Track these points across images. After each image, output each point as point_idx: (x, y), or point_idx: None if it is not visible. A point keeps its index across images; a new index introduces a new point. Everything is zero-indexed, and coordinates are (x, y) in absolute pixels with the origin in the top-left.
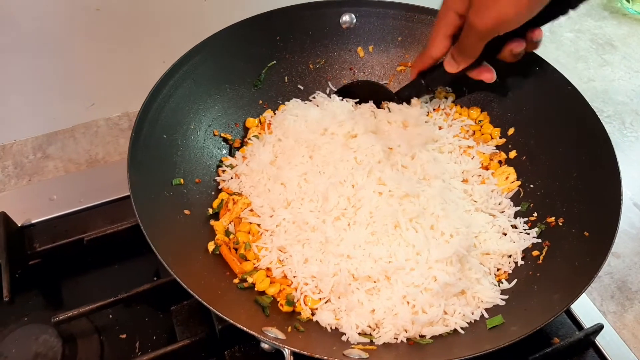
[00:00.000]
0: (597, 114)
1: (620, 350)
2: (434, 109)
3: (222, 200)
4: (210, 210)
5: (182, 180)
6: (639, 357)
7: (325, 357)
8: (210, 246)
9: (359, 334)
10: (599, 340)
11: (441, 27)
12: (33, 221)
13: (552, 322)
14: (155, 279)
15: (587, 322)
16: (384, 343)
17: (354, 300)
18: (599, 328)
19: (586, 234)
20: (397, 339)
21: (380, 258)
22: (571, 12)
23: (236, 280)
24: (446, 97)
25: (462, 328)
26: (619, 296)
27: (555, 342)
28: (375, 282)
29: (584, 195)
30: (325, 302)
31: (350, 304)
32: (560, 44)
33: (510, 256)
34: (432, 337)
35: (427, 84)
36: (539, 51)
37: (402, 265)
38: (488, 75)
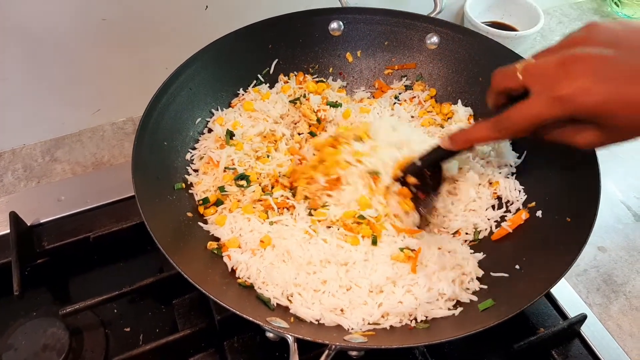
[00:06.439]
0: None
1: (605, 340)
2: (409, 99)
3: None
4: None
5: (183, 185)
6: (623, 347)
7: (327, 342)
8: (211, 246)
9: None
10: (584, 330)
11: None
12: (42, 221)
13: (538, 311)
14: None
15: (573, 314)
16: (382, 328)
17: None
18: (582, 318)
19: (568, 219)
20: (401, 322)
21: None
22: (562, 17)
23: (240, 280)
24: (423, 91)
25: (456, 309)
26: (604, 289)
27: (541, 332)
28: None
29: (564, 183)
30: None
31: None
32: None
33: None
34: (428, 322)
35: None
36: (523, 55)
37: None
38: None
